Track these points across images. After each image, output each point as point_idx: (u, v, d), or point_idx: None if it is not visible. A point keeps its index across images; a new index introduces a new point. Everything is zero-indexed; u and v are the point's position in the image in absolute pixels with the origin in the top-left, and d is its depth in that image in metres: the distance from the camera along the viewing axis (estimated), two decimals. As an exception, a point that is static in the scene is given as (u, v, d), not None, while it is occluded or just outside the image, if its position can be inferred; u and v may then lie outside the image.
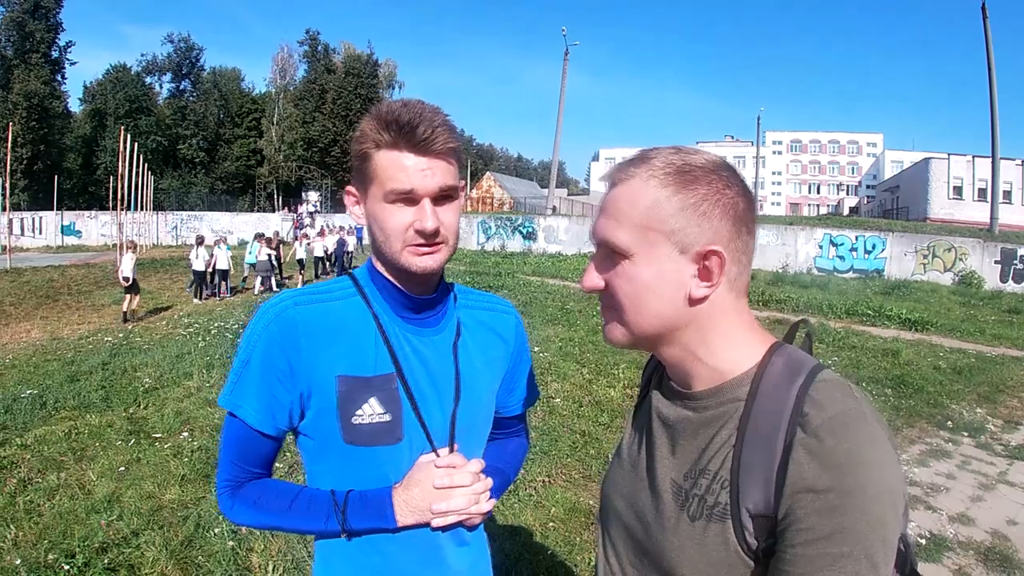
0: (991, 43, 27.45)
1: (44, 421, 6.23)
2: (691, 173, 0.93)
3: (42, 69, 52.98)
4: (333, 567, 1.30)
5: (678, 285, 0.94)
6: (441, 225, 1.19)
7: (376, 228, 1.21)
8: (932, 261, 24.46)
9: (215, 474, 1.31)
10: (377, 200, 1.18)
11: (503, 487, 1.42)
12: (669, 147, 0.97)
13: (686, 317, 0.95)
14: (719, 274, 0.92)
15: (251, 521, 1.27)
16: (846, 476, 0.79)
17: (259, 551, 3.75)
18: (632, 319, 0.98)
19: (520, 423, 1.58)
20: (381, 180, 1.16)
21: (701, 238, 0.92)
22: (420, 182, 1.15)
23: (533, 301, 14.45)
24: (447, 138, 1.16)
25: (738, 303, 0.98)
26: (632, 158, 0.99)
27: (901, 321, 13.73)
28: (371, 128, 1.17)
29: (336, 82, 61.66)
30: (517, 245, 31.91)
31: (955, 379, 8.86)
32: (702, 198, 0.92)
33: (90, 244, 36.89)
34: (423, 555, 1.28)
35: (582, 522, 4.27)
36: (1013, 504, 4.86)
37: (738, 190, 0.94)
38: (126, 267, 14.51)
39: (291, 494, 1.26)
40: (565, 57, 37.20)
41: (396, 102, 1.18)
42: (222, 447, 1.28)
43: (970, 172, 42.01)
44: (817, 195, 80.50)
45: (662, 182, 0.93)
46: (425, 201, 1.17)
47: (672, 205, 0.92)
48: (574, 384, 7.75)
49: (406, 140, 1.14)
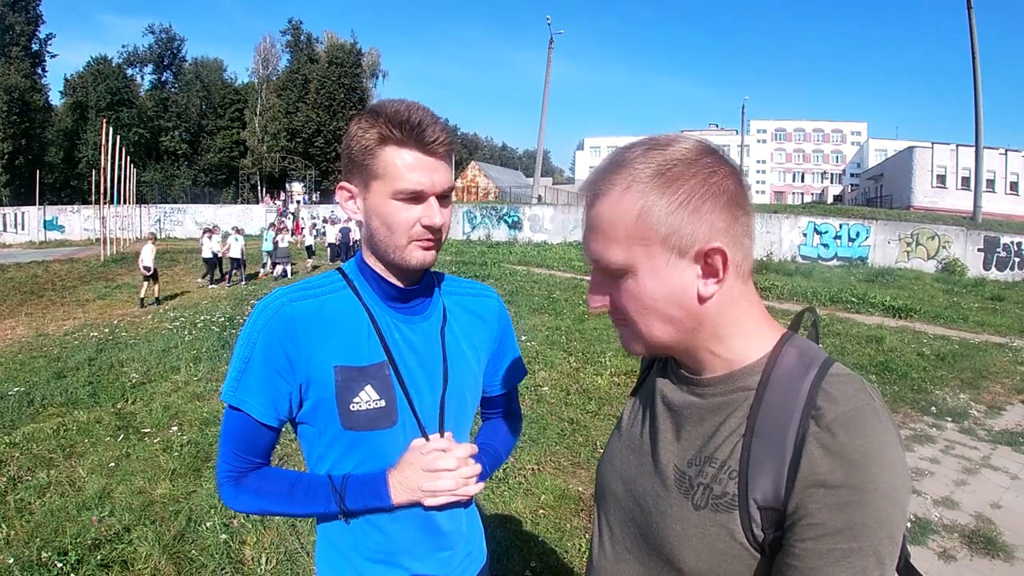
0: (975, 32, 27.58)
1: (32, 418, 6.19)
2: (672, 170, 0.88)
3: (22, 62, 52.38)
4: (336, 546, 1.36)
5: (684, 289, 0.90)
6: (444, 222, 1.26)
7: (379, 223, 1.24)
8: (916, 249, 24.69)
9: (215, 465, 1.35)
10: (382, 196, 1.22)
11: (496, 464, 1.52)
12: (642, 142, 0.93)
13: (700, 318, 0.92)
14: (724, 268, 0.89)
15: (254, 508, 1.32)
16: (859, 472, 0.79)
17: (251, 544, 3.76)
18: (646, 333, 0.95)
19: (509, 401, 1.65)
20: (389, 177, 1.20)
21: (698, 236, 0.88)
22: (429, 182, 1.21)
23: (519, 290, 14.47)
24: (451, 138, 1.23)
25: (745, 288, 0.95)
26: (608, 165, 0.94)
27: (885, 308, 13.85)
28: (378, 124, 1.20)
29: (319, 72, 61.32)
30: (503, 234, 31.86)
31: (939, 365, 8.94)
32: (689, 193, 0.87)
33: (73, 239, 36.52)
34: (420, 527, 1.34)
35: (572, 509, 4.31)
36: (996, 488, 4.94)
37: (724, 172, 0.90)
38: (146, 257, 15.74)
39: (291, 480, 1.32)
40: (550, 46, 37.08)
41: (398, 102, 1.22)
42: (223, 440, 1.32)
43: (954, 161, 42.28)
44: (801, 183, 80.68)
45: (645, 187, 0.89)
46: (432, 199, 1.23)
47: (660, 209, 0.88)
48: (561, 372, 7.78)
49: (416, 140, 1.19)
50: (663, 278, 0.90)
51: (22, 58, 52.65)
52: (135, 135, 57.01)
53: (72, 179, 57.66)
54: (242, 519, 3.99)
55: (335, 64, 61.41)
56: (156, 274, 16.11)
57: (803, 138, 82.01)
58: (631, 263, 0.91)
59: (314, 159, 60.56)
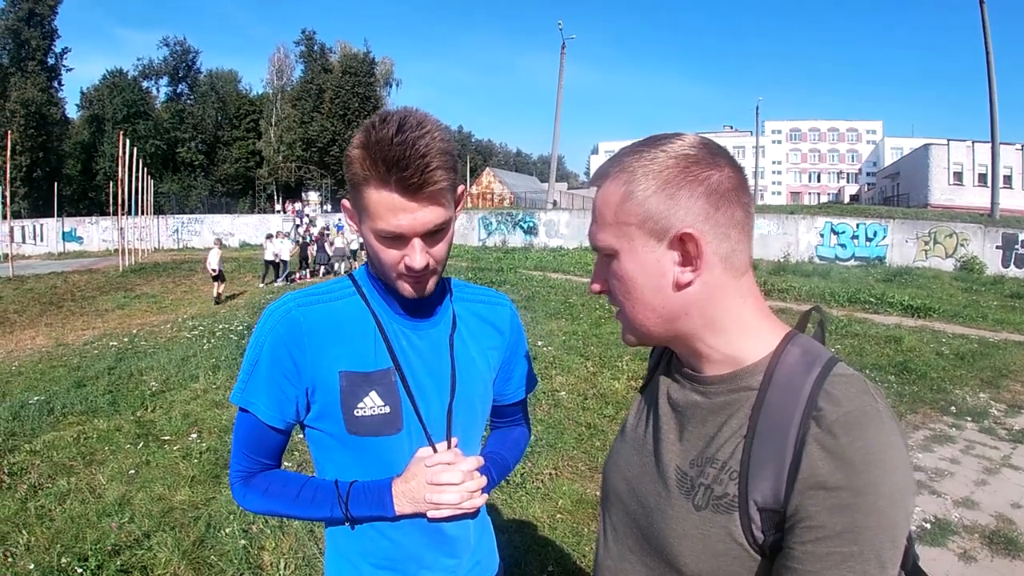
0: (989, 28, 27.36)
1: (52, 427, 6.25)
2: (656, 160, 0.92)
3: (39, 76, 53.13)
4: (343, 553, 1.37)
5: (661, 273, 0.93)
6: (431, 259, 1.21)
7: (371, 252, 1.24)
8: (933, 247, 24.41)
9: (229, 466, 1.38)
10: (368, 230, 1.20)
11: (503, 474, 1.51)
12: (643, 140, 0.97)
13: (681, 305, 0.94)
14: (699, 256, 0.90)
15: (261, 508, 1.34)
16: (860, 474, 0.78)
17: (271, 549, 3.78)
18: (631, 316, 0.99)
19: (520, 410, 1.63)
20: (371, 216, 1.16)
21: (672, 221, 0.90)
22: (409, 225, 1.14)
23: (536, 296, 14.46)
24: (438, 177, 1.12)
25: (739, 282, 0.95)
26: (608, 160, 0.99)
27: (903, 308, 13.72)
28: (361, 158, 1.12)
29: (333, 81, 61.69)
30: (518, 240, 31.85)
31: (958, 365, 8.86)
32: (666, 180, 0.90)
33: (92, 250, 36.90)
34: (426, 535, 1.34)
35: (589, 513, 4.30)
36: (1017, 488, 4.88)
37: (710, 164, 0.91)
38: (213, 260, 18.03)
39: (298, 484, 1.33)
40: (562, 51, 37.16)
41: (390, 126, 1.11)
42: (234, 440, 1.35)
43: (970, 157, 41.89)
44: (817, 183, 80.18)
45: (630, 175, 0.93)
46: (415, 240, 1.17)
47: (639, 194, 0.92)
48: (578, 377, 7.77)
49: (396, 181, 1.10)
50: (641, 262, 0.94)
51: (38, 72, 53.40)
52: (152, 147, 57.71)
53: (90, 191, 58.43)
54: (261, 524, 4.02)
55: (349, 73, 61.79)
56: (222, 275, 18.21)
57: (818, 138, 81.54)
58: (616, 246, 0.96)
59: (329, 168, 60.89)
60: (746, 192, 0.95)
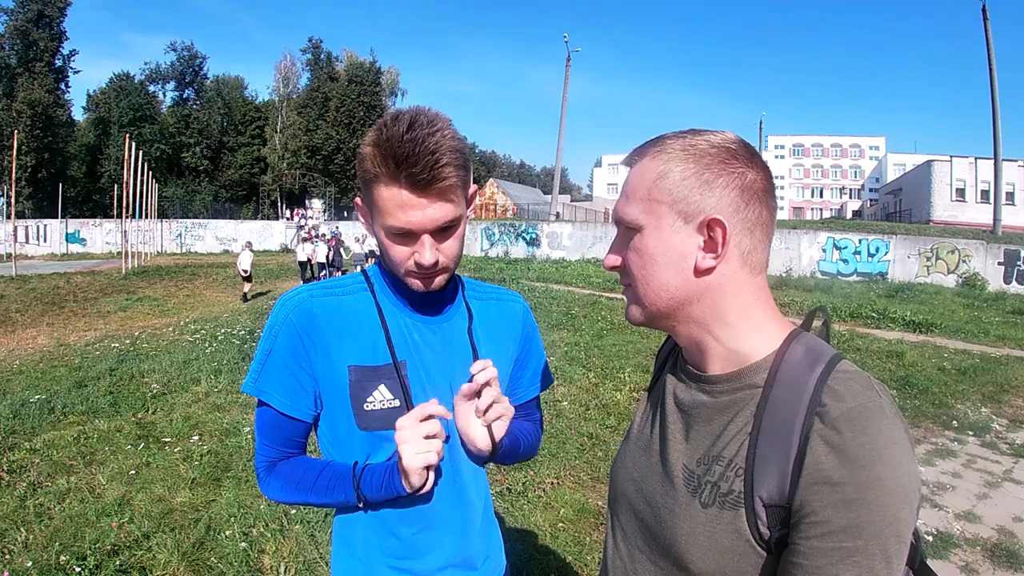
0: (992, 44, 27.50)
1: (52, 426, 6.25)
2: (698, 147, 0.95)
3: (46, 78, 53.32)
4: (350, 547, 1.37)
5: (682, 255, 0.95)
6: (440, 255, 1.22)
7: (383, 248, 1.25)
8: (935, 263, 24.41)
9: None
10: (379, 227, 1.21)
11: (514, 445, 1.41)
12: (686, 129, 0.99)
13: (695, 289, 0.95)
14: (723, 244, 0.92)
15: (284, 496, 1.34)
16: (864, 470, 0.78)
17: (271, 552, 3.77)
18: (643, 292, 0.99)
19: (534, 409, 1.60)
20: (381, 212, 1.17)
21: (704, 207, 0.93)
22: (418, 221, 1.15)
23: (538, 307, 14.45)
24: (447, 174, 1.13)
25: (753, 281, 0.97)
26: (648, 141, 1.01)
27: (905, 323, 13.70)
28: (372, 155, 1.14)
29: (339, 90, 62.00)
30: (521, 251, 31.90)
31: (960, 379, 8.85)
32: (705, 167, 0.93)
33: (95, 252, 37.00)
34: (433, 530, 1.33)
35: (591, 523, 4.29)
36: (1019, 501, 4.87)
37: (748, 163, 0.94)
38: (244, 261, 19.32)
39: (318, 469, 1.32)
40: (567, 64, 37.28)
41: (401, 123, 1.12)
42: (256, 430, 1.35)
43: (972, 174, 42.03)
44: (820, 199, 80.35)
45: (669, 156, 0.95)
46: (424, 236, 1.18)
47: (675, 175, 0.94)
48: (580, 388, 7.77)
49: (405, 177, 1.12)
50: (665, 239, 0.96)
51: (45, 73, 53.59)
52: (157, 151, 57.94)
53: (94, 193, 58.59)
54: (261, 527, 4.01)
55: (355, 82, 62.12)
56: (251, 276, 19.59)
57: (821, 153, 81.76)
58: (642, 221, 0.98)
59: (334, 176, 61.14)
60: (773, 197, 0.97)
